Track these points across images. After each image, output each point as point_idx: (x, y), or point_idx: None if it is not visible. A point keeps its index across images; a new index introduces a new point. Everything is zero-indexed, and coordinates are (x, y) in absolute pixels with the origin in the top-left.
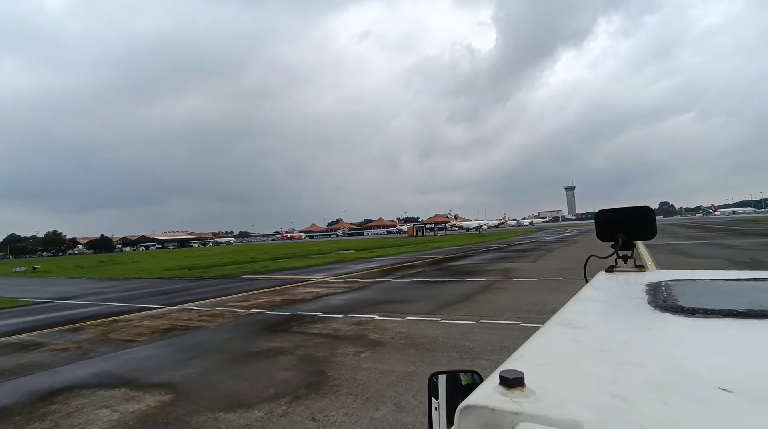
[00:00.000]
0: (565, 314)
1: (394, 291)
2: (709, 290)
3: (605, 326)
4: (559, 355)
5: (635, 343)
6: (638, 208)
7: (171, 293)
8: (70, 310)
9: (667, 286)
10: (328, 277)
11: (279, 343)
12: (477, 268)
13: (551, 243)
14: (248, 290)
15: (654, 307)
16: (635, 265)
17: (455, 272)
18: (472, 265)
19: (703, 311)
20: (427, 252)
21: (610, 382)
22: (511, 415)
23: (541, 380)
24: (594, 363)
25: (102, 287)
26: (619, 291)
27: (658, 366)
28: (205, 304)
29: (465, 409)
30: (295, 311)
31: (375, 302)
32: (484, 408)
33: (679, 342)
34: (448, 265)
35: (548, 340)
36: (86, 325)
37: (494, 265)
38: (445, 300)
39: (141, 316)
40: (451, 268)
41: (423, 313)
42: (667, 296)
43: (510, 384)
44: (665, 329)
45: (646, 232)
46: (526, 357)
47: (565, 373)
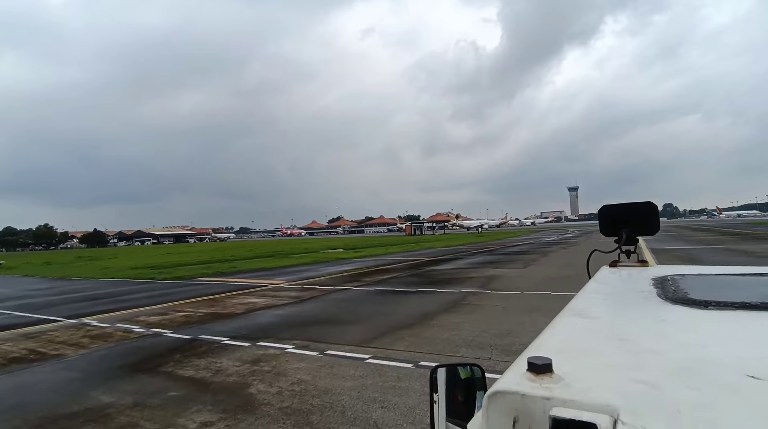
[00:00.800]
0: (576, 306)
1: (344, 305)
2: (717, 284)
3: (619, 317)
4: (577, 343)
5: (652, 332)
6: (642, 204)
7: (98, 299)
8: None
9: (674, 280)
10: (288, 282)
11: (114, 398)
12: (457, 276)
13: (548, 245)
14: (183, 298)
15: (664, 300)
16: (638, 261)
17: (430, 280)
18: (453, 270)
19: (716, 303)
20: (415, 253)
21: (634, 369)
22: (543, 400)
23: (565, 367)
24: (614, 351)
25: (38, 289)
26: (624, 285)
27: (679, 354)
28: (112, 317)
29: (494, 395)
30: (199, 334)
31: (309, 322)
32: (514, 394)
33: (697, 332)
34: (427, 270)
35: (564, 329)
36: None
37: (477, 272)
38: (395, 322)
39: (10, 336)
40: (429, 275)
41: (355, 343)
42: (676, 289)
43: (539, 370)
44: (681, 320)
45: (650, 227)
46: (546, 345)
47: (587, 361)
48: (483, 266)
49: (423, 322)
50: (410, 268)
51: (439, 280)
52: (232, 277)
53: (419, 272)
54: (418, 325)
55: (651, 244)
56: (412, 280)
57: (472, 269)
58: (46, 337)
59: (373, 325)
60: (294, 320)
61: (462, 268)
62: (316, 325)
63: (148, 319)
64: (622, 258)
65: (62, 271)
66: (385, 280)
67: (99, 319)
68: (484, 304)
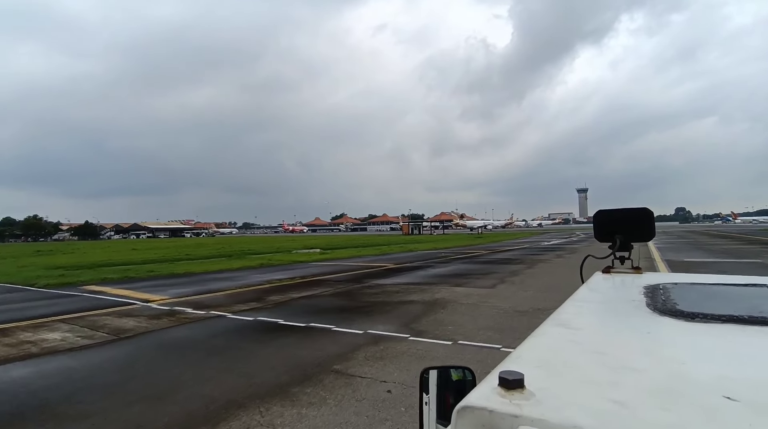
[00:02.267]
0: (562, 315)
1: (151, 361)
2: (708, 295)
3: (603, 328)
4: (557, 356)
5: (634, 346)
6: (637, 210)
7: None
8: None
9: (665, 289)
10: (171, 298)
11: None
12: (394, 297)
13: (544, 251)
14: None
15: (653, 311)
16: (632, 267)
17: (353, 304)
18: (400, 286)
19: (703, 316)
20: (389, 256)
21: (610, 386)
22: (511, 417)
23: (539, 382)
24: (593, 366)
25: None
26: (615, 293)
27: (658, 371)
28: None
29: (462, 409)
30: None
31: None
32: (482, 409)
33: (679, 347)
34: (368, 285)
35: (545, 340)
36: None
37: (429, 291)
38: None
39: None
40: (361, 294)
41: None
42: (666, 299)
43: (510, 385)
44: (664, 333)
45: (644, 234)
46: (524, 358)
47: (564, 376)
48: (444, 281)
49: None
50: (352, 281)
51: (364, 303)
52: (122, 286)
53: (355, 288)
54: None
55: (667, 255)
56: (330, 302)
57: (426, 286)
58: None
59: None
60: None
61: (416, 282)
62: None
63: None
64: (616, 264)
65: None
66: (295, 301)
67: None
68: (370, 377)
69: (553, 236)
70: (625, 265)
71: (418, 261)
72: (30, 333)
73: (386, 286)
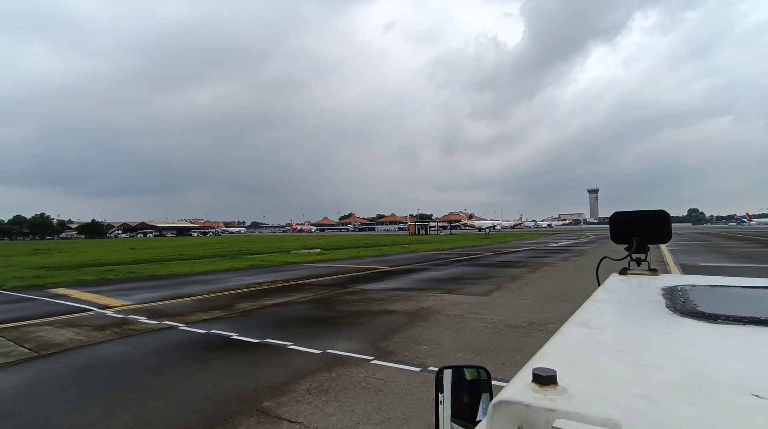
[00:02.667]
0: (582, 315)
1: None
2: (728, 297)
3: (623, 328)
4: (580, 355)
5: (655, 345)
6: (654, 212)
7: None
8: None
9: (684, 290)
10: (135, 304)
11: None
12: (376, 306)
13: (550, 253)
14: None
15: (672, 312)
16: (648, 269)
17: (328, 314)
18: (387, 292)
19: (725, 318)
20: (389, 257)
21: (635, 382)
22: (547, 411)
23: (569, 378)
24: (616, 364)
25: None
26: (633, 294)
27: (681, 369)
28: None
29: (499, 404)
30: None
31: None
32: (518, 404)
33: (702, 347)
34: (353, 291)
35: (569, 340)
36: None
37: (416, 298)
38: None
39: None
40: (342, 301)
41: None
42: (685, 301)
43: (543, 381)
44: (686, 333)
45: (661, 236)
46: (551, 356)
47: (590, 373)
48: (436, 286)
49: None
50: (336, 286)
51: (338, 313)
52: (92, 289)
53: (336, 294)
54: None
55: (681, 259)
56: (302, 310)
57: (414, 292)
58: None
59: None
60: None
61: (404, 288)
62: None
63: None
64: (632, 266)
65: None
66: (264, 309)
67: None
68: (300, 421)
69: (562, 237)
70: (641, 267)
71: (415, 263)
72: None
73: (371, 292)
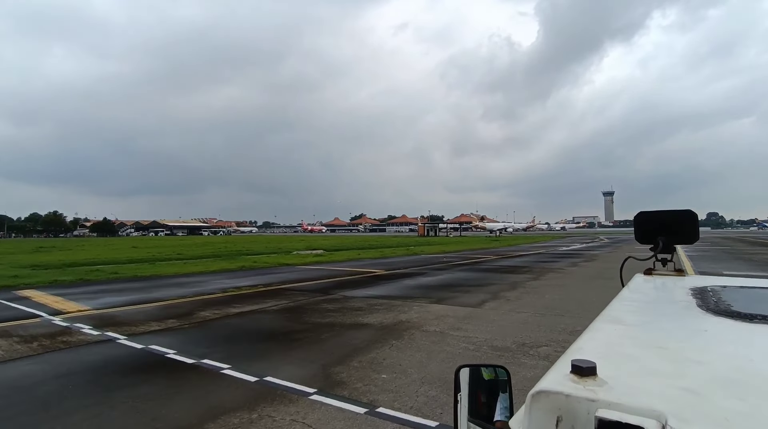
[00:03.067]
0: (611, 312)
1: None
2: (761, 298)
3: (657, 325)
4: (616, 349)
5: (695, 342)
6: (680, 212)
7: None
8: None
9: (715, 291)
10: (84, 310)
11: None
12: (347, 319)
13: (559, 257)
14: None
15: (705, 311)
16: (674, 269)
17: (287, 328)
18: (367, 301)
19: (762, 317)
20: (389, 260)
21: (678, 376)
22: (588, 402)
23: (607, 371)
24: (655, 358)
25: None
26: (660, 294)
27: (725, 365)
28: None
29: (537, 394)
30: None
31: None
32: (558, 394)
33: (743, 344)
34: (332, 298)
35: (602, 335)
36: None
37: (398, 309)
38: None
39: None
40: (314, 311)
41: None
42: (718, 301)
43: (583, 372)
44: (724, 332)
45: (688, 236)
46: (586, 350)
47: (629, 367)
48: (425, 294)
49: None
50: (318, 292)
51: (304, 326)
52: (60, 291)
53: (313, 302)
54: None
55: (701, 266)
56: (266, 322)
57: (399, 301)
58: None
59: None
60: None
61: (389, 296)
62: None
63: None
64: (658, 266)
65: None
66: (226, 319)
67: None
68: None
69: (575, 241)
70: (667, 268)
71: (413, 267)
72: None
73: (352, 301)
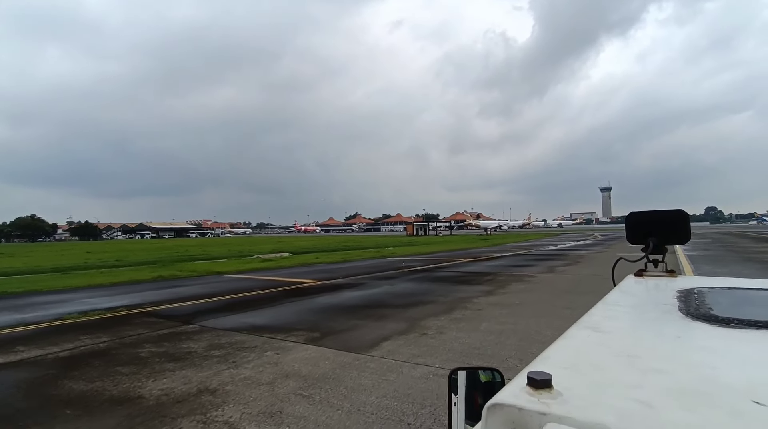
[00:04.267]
0: (593, 318)
1: None
2: (745, 300)
3: (633, 332)
4: (584, 358)
5: (663, 350)
6: (671, 212)
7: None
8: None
9: (700, 293)
10: None
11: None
12: (114, 388)
13: (538, 260)
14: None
15: (685, 315)
16: (666, 270)
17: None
18: (222, 337)
19: (738, 321)
20: (347, 264)
21: (636, 387)
22: (539, 415)
23: (567, 382)
24: (620, 368)
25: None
26: (648, 296)
27: (686, 374)
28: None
29: (493, 407)
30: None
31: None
32: (512, 407)
33: (710, 352)
34: (173, 334)
35: (575, 343)
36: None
37: (244, 356)
38: None
39: None
40: (94, 368)
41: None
42: (700, 304)
43: (537, 385)
44: (696, 338)
45: (680, 236)
46: (553, 359)
47: (591, 377)
48: (320, 322)
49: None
50: (182, 319)
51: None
52: None
53: (150, 338)
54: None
55: (703, 269)
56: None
57: (267, 336)
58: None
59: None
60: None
61: (264, 327)
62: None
63: None
64: (650, 267)
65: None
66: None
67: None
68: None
69: (567, 238)
70: (658, 268)
71: (360, 275)
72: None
73: (198, 337)
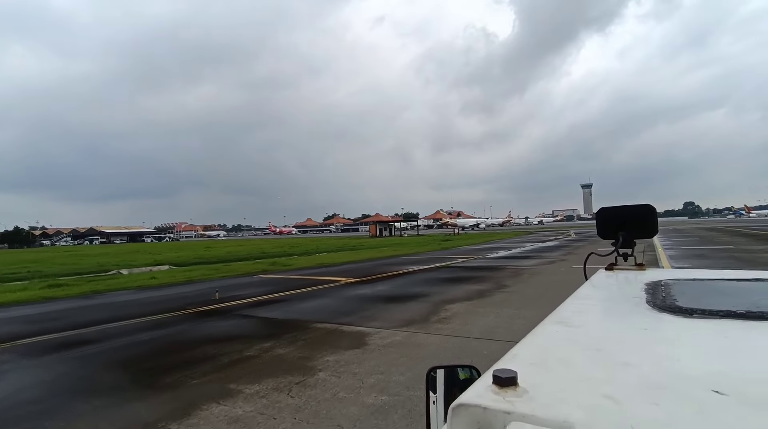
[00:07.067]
0: (562, 313)
1: None
2: (709, 290)
3: (601, 325)
4: (553, 354)
5: (630, 343)
6: (640, 206)
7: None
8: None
9: (667, 285)
10: None
11: None
12: None
13: (494, 268)
14: None
15: (652, 307)
16: (635, 264)
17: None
18: None
19: (701, 312)
20: (173, 290)
21: (603, 382)
22: (503, 414)
23: (533, 379)
24: (588, 363)
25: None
26: (617, 290)
27: (651, 367)
28: None
29: (457, 407)
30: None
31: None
32: (476, 407)
33: (675, 343)
34: None
35: (543, 339)
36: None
37: None
38: None
39: None
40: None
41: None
42: (666, 296)
43: (503, 383)
44: (662, 330)
45: (648, 230)
46: (520, 356)
47: (559, 373)
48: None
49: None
50: None
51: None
52: None
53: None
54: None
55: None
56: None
57: None
58: None
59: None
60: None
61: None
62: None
63: None
64: (620, 261)
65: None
66: None
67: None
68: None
69: (536, 238)
70: (628, 262)
71: (279, 293)
72: None
73: None
